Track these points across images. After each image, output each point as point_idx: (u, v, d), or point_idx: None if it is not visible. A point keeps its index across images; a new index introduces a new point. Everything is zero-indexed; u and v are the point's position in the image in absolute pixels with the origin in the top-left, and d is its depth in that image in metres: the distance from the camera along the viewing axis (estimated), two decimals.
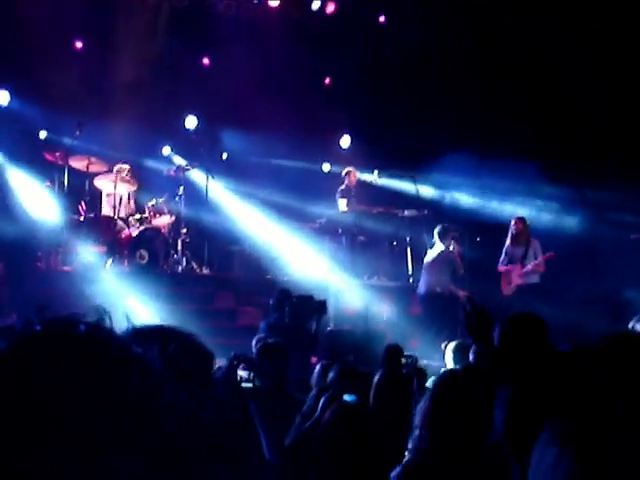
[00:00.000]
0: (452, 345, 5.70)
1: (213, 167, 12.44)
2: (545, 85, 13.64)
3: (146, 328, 2.11)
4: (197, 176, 12.63)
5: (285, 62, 13.49)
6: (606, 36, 13.02)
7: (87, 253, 11.01)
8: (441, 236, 10.84)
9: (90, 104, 12.09)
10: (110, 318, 1.18)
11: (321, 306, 6.94)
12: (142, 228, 11.30)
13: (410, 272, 11.80)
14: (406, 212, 12.36)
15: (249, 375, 2.92)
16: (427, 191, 13.46)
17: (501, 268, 11.22)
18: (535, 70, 13.66)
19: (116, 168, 11.50)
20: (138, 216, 11.62)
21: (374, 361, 5.95)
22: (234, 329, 10.17)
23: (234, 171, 13.15)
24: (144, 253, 11.29)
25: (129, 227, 11.40)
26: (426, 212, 12.29)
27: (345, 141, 14.29)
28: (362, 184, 13.01)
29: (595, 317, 10.99)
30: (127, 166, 11.49)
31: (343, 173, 12.85)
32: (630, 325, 8.40)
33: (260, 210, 12.96)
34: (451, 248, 10.91)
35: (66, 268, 10.91)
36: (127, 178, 11.47)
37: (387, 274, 12.05)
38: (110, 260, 10.92)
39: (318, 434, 3.95)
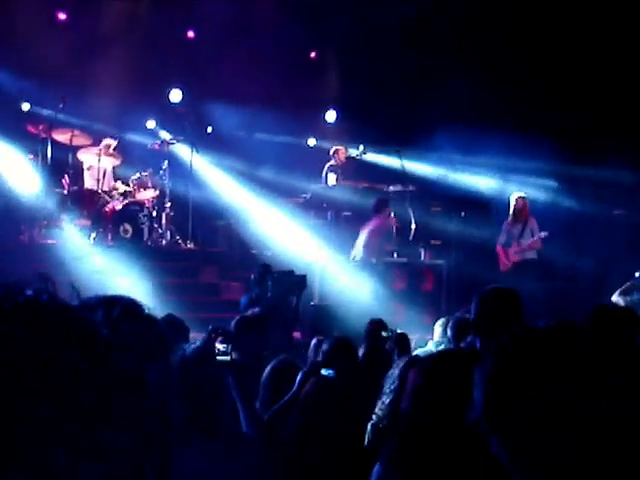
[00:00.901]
0: (441, 321, 5.68)
1: (198, 141, 12.35)
2: (545, 56, 13.38)
3: (91, 298, 2.06)
4: (182, 150, 12.53)
5: (271, 35, 13.38)
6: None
7: (71, 226, 10.96)
8: (379, 207, 10.94)
9: (74, 77, 11.96)
10: (53, 285, 1.18)
11: (301, 281, 6.94)
12: (126, 202, 11.26)
13: (394, 247, 11.80)
14: (391, 187, 12.34)
15: (227, 348, 2.93)
16: (414, 166, 13.41)
17: (499, 246, 11.27)
18: (536, 39, 13.39)
19: (104, 143, 11.41)
20: (122, 190, 11.57)
21: (357, 336, 5.99)
22: (217, 303, 10.18)
23: (219, 145, 13.08)
24: (128, 227, 11.25)
25: (113, 201, 11.35)
26: (411, 187, 12.26)
27: (331, 116, 14.26)
28: (348, 159, 12.95)
29: (584, 291, 11.16)
30: (114, 141, 11.42)
31: (331, 152, 12.80)
32: (613, 298, 8.47)
33: (245, 184, 12.92)
34: (389, 220, 11.01)
35: (50, 241, 10.87)
36: (111, 152, 11.41)
37: None
38: (94, 234, 10.89)
39: (297, 407, 3.97)
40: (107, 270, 9.67)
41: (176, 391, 2.43)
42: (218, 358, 2.92)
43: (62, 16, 12.95)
